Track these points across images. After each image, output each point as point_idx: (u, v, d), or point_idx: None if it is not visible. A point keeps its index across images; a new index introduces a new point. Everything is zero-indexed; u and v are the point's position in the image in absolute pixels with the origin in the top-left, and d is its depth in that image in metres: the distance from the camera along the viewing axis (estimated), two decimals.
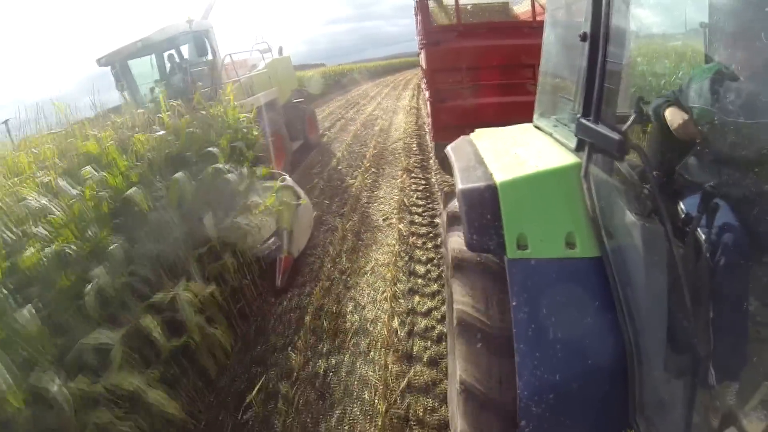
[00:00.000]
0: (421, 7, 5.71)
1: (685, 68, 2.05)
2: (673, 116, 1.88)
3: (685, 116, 1.84)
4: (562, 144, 1.91)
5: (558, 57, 2.24)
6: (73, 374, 2.61)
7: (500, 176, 1.80)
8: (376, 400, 3.23)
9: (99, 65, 7.99)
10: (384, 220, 6.42)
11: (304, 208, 5.78)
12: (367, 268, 5.16)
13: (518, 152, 2.02)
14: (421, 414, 3.07)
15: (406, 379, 3.37)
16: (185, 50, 9.00)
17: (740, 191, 1.56)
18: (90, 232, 3.40)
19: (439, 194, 6.73)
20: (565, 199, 1.71)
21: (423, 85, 8.61)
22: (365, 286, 4.80)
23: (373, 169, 8.98)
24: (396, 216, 6.37)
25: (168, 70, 8.71)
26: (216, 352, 3.70)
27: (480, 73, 5.39)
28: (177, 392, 3.23)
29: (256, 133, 6.28)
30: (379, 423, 3.02)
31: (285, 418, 3.23)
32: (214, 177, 4.68)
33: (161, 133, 4.84)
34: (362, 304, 4.48)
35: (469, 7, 6.69)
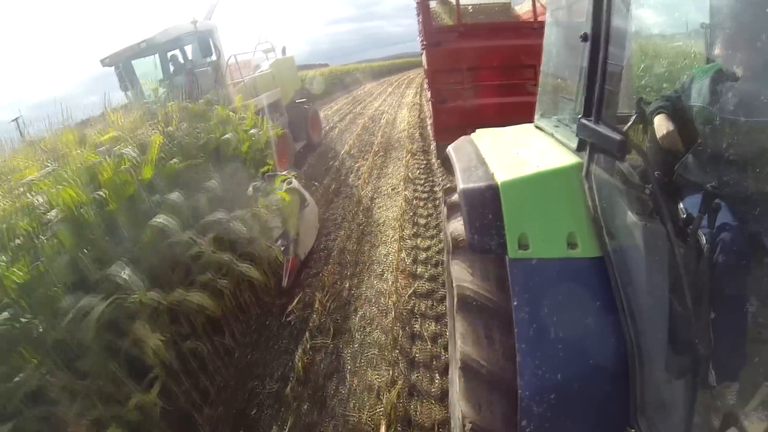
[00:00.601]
0: (423, 8, 5.70)
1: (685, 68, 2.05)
2: (660, 125, 1.89)
3: (671, 127, 1.85)
4: (563, 144, 1.91)
5: (559, 57, 2.24)
6: None
7: (501, 176, 1.80)
8: (389, 302, 4.38)
9: (103, 65, 8.01)
10: (392, 189, 7.76)
11: (310, 210, 5.82)
12: (380, 221, 6.49)
13: (519, 152, 2.02)
14: (423, 309, 4.22)
15: (412, 288, 4.55)
16: (189, 50, 9.02)
17: (741, 191, 1.56)
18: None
19: (439, 171, 7.82)
20: (567, 200, 1.70)
21: (425, 85, 8.68)
22: (378, 232, 6.13)
23: (381, 153, 10.48)
24: (402, 186, 7.70)
25: (172, 70, 8.73)
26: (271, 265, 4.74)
27: (481, 74, 5.40)
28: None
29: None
30: (392, 315, 4.14)
31: (319, 317, 4.40)
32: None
33: (231, 106, 6.26)
34: (377, 244, 5.78)
35: (470, 8, 6.68)
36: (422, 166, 8.78)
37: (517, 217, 1.70)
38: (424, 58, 6.48)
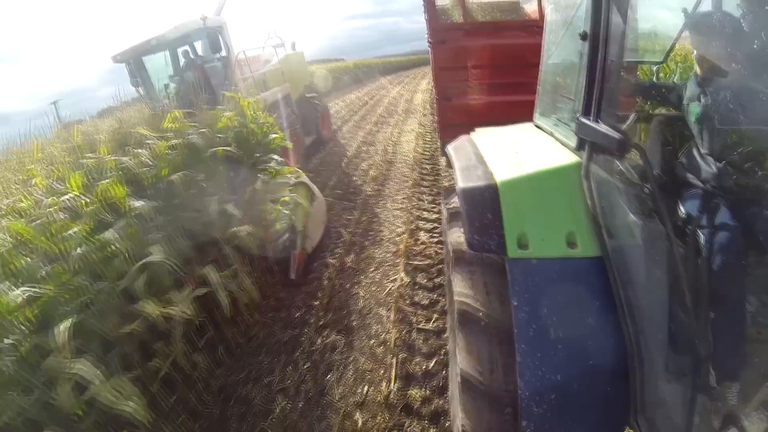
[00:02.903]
0: (428, 6, 5.66)
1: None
2: None
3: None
4: (563, 143, 1.90)
5: (558, 56, 2.22)
6: None
7: (501, 175, 1.80)
8: (412, 159, 9.18)
9: (114, 62, 8.06)
10: (411, 129, 12.83)
11: (318, 204, 5.84)
12: (404, 140, 11.41)
13: (519, 151, 2.02)
14: (425, 160, 9.00)
15: (421, 156, 9.28)
16: (199, 47, 9.05)
17: (740, 191, 1.55)
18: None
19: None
20: (566, 199, 1.70)
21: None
22: (405, 144, 10.95)
23: (403, 114, 16.02)
24: (417, 127, 12.94)
25: (182, 65, 8.77)
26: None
27: (486, 72, 5.38)
28: None
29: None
30: (412, 157, 9.24)
31: (375, 163, 9.08)
32: None
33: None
34: (403, 146, 10.67)
35: (475, 6, 6.62)
36: (429, 121, 13.59)
37: (516, 217, 1.70)
38: (430, 56, 6.45)
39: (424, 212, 6.24)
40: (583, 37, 1.62)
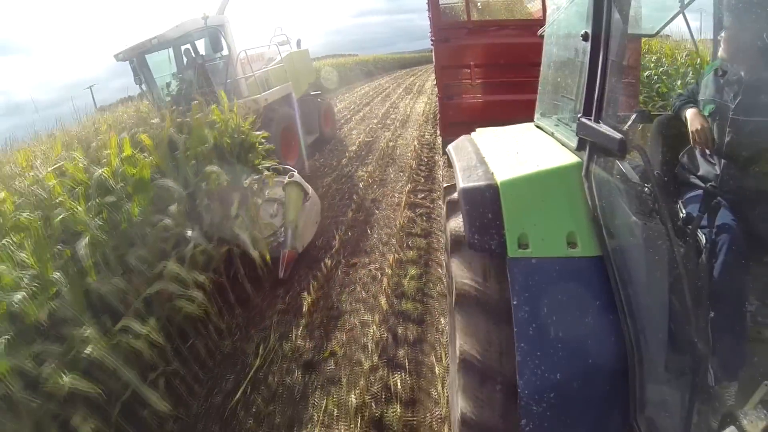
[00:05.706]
0: (432, 4, 5.65)
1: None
2: (693, 119, 1.84)
3: (705, 123, 1.80)
4: (564, 143, 1.90)
5: (559, 56, 2.22)
6: None
7: (501, 175, 1.80)
8: (421, 116, 15.76)
9: (117, 60, 8.06)
10: (423, 101, 18.69)
11: (312, 204, 5.82)
12: (418, 106, 17.88)
13: (519, 151, 2.02)
14: (432, 115, 15.15)
15: (429, 110, 16.61)
16: (201, 45, 9.04)
17: (741, 190, 1.55)
18: None
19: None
20: (567, 199, 1.70)
21: None
22: (418, 108, 17.61)
23: (417, 94, 22.38)
24: (426, 100, 18.77)
25: (184, 64, 8.78)
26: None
27: (488, 71, 5.37)
28: None
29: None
30: (422, 112, 16.57)
31: (393, 124, 14.47)
32: None
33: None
34: (416, 109, 17.39)
35: (478, 4, 6.61)
36: (434, 99, 15.72)
37: (516, 217, 1.70)
38: (433, 54, 6.43)
39: (427, 130, 12.56)
40: (585, 37, 1.62)
